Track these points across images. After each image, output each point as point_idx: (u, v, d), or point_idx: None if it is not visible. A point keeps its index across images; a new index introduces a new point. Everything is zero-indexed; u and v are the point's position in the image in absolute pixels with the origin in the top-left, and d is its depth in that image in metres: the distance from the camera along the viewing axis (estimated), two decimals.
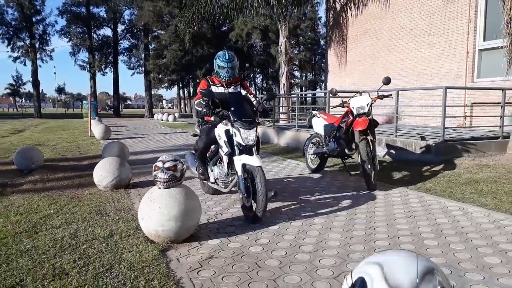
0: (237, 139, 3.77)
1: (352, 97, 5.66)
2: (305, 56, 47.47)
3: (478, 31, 9.67)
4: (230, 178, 4.11)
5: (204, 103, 3.98)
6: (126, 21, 39.77)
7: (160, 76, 39.35)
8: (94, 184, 5.26)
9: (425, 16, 11.01)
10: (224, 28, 35.83)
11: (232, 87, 4.41)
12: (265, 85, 51.25)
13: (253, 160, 3.60)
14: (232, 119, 3.79)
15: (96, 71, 38.82)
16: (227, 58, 4.25)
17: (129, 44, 40.78)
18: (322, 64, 44.02)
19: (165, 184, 3.05)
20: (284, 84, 14.42)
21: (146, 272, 2.58)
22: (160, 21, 32.70)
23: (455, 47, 10.14)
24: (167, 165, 3.05)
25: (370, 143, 5.20)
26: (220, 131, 4.06)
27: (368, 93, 5.83)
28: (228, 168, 4.10)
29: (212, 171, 4.35)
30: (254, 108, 4.20)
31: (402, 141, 7.33)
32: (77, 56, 39.19)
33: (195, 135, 4.78)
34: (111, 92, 45.75)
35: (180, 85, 50.17)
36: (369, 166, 5.04)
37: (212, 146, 4.42)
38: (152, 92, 55.72)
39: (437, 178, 5.70)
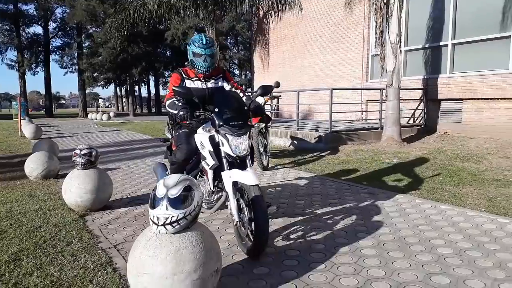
0: (224, 148, 2.89)
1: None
2: (244, 55, 48.82)
3: (371, 39, 11.40)
4: (216, 197, 3.31)
5: (180, 104, 3.13)
6: (58, 19, 38.70)
7: (95, 75, 38.78)
8: (26, 177, 6.00)
9: (331, 25, 12.63)
10: (161, 27, 36.16)
11: (212, 80, 3.51)
12: None
13: (247, 177, 2.73)
14: (217, 123, 2.88)
15: (26, 70, 37.41)
16: (204, 43, 3.31)
17: (62, 42, 39.70)
18: None
19: (82, 166, 4.03)
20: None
21: (67, 227, 3.57)
22: (94, 20, 32.39)
23: (353, 53, 11.83)
24: (83, 152, 4.03)
25: (263, 134, 6.47)
26: (202, 138, 3.14)
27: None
28: (213, 184, 3.25)
29: None
30: (245, 107, 3.07)
31: (302, 133, 8.74)
32: (4, 54, 37.54)
33: (165, 140, 4.03)
34: (43, 91, 44.08)
35: (117, 84, 49.56)
36: (260, 150, 6.29)
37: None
38: (88, 91, 54.39)
39: (320, 161, 7.10)
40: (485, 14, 8.57)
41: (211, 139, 3.09)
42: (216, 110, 2.92)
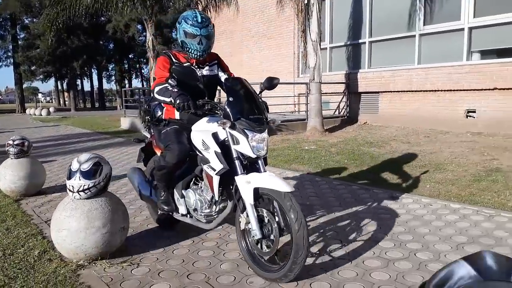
0: (240, 148, 2.41)
1: None
2: None
3: (306, 34, 12.25)
4: (217, 208, 2.77)
5: (176, 91, 2.53)
6: None
7: (33, 68, 37.16)
8: None
9: (265, 21, 13.37)
10: (102, 18, 35.30)
11: (206, 67, 2.92)
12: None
13: (275, 183, 2.25)
14: (232, 116, 2.39)
15: None
16: (199, 21, 2.70)
17: None
18: None
19: (15, 155, 4.40)
20: (154, 77, 15.78)
21: (2, 209, 3.96)
22: (29, 11, 31.05)
23: (286, 49, 12.64)
24: (16, 142, 4.40)
25: None
26: (205, 136, 2.59)
27: None
28: (218, 192, 2.63)
29: (181, 197, 2.94)
30: (261, 100, 2.57)
31: None
32: None
33: (139, 141, 3.53)
34: None
35: (57, 77, 47.68)
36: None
37: None
38: (26, 85, 51.69)
39: None
40: (396, 15, 9.64)
41: (214, 137, 2.55)
42: (231, 99, 2.41)
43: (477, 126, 8.13)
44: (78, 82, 49.93)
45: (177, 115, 2.87)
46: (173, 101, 2.48)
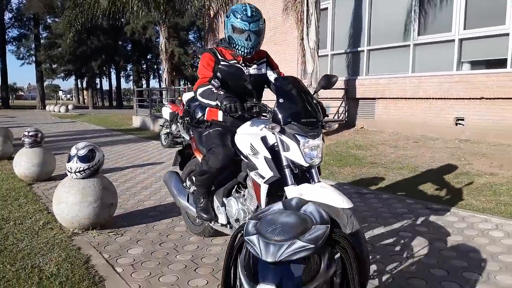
0: (290, 155, 2.19)
1: (184, 92, 8.06)
2: None
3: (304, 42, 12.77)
4: None
5: (222, 93, 2.40)
6: (14, 10, 38.10)
7: (54, 66, 38.50)
8: None
9: (272, 28, 13.92)
10: (123, 19, 36.47)
11: (254, 65, 2.77)
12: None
13: (333, 197, 1.99)
14: (282, 120, 2.18)
15: None
16: (249, 15, 2.54)
17: (18, 33, 39.12)
18: None
19: (29, 145, 5.06)
20: (165, 79, 16.48)
21: (16, 190, 4.62)
22: (52, 11, 32.32)
23: (290, 55, 13.18)
24: (31, 133, 5.06)
25: None
26: (254, 140, 2.39)
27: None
28: (265, 203, 2.37)
29: (222, 206, 2.76)
30: (315, 101, 2.38)
31: None
32: None
33: (176, 143, 3.32)
34: None
35: (77, 76, 49.20)
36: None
37: None
38: (47, 83, 53.50)
39: None
40: (393, 25, 10.07)
41: (263, 141, 2.35)
42: (281, 101, 2.22)
43: (465, 134, 8.51)
44: (98, 81, 51.42)
45: (220, 116, 2.73)
46: (219, 105, 2.34)
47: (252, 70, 2.75)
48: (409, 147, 7.90)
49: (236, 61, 2.71)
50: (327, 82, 2.53)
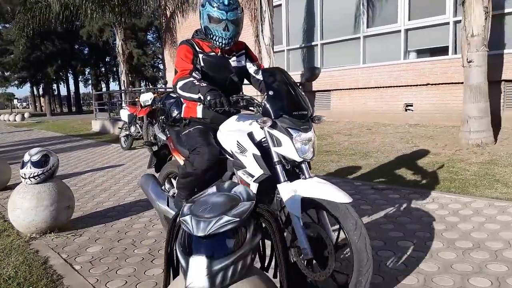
0: (282, 150, 2.10)
1: (142, 93, 8.08)
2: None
3: (259, 39, 12.99)
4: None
5: (205, 85, 2.23)
6: None
7: (7, 74, 36.98)
8: None
9: None
10: (77, 23, 35.37)
11: (233, 57, 2.61)
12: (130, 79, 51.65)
13: (330, 192, 1.93)
14: (274, 113, 2.09)
15: None
16: (226, 3, 2.38)
17: None
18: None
19: None
20: (124, 81, 16.27)
21: None
22: (1, 17, 30.99)
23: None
24: None
25: (152, 125, 7.68)
26: (240, 137, 2.26)
27: (151, 91, 8.32)
28: None
29: None
30: (303, 93, 2.26)
31: None
32: None
33: (151, 144, 3.08)
34: None
35: (33, 83, 47.39)
36: (150, 139, 7.49)
37: None
38: (0, 92, 51.22)
39: None
40: (343, 18, 10.44)
41: (250, 137, 2.22)
42: (271, 93, 2.10)
43: (414, 118, 9.00)
44: (55, 87, 49.73)
45: (199, 113, 2.56)
46: (202, 98, 2.16)
47: (232, 62, 2.55)
48: (362, 135, 8.28)
49: (214, 53, 2.51)
50: (311, 74, 2.45)
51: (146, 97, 7.85)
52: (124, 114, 8.47)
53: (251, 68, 2.68)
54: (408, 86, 9.10)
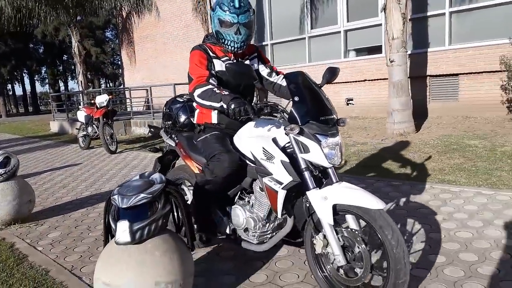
0: (309, 156, 2.06)
1: (98, 95, 8.49)
2: None
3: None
4: (271, 226, 2.40)
5: (227, 93, 2.22)
6: None
7: None
8: None
9: (183, 26, 14.52)
10: (31, 21, 34.43)
11: (246, 61, 2.60)
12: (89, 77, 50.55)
13: (364, 198, 1.90)
14: (300, 120, 2.04)
15: None
16: (237, 6, 2.33)
17: None
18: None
19: None
20: (81, 81, 16.36)
21: None
22: None
23: None
24: None
25: (108, 125, 8.11)
26: (266, 144, 2.20)
27: (106, 92, 8.76)
28: (282, 210, 2.19)
29: (224, 216, 2.56)
30: (327, 96, 2.19)
31: (157, 122, 10.54)
32: None
33: (156, 150, 3.38)
34: None
35: None
36: (106, 138, 7.93)
37: None
38: None
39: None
40: (290, 20, 11.17)
41: (276, 143, 2.20)
42: (296, 99, 2.06)
43: (355, 112, 9.88)
44: (10, 87, 48.07)
45: (214, 119, 2.52)
46: (225, 107, 2.14)
47: None
48: None
49: (227, 58, 2.49)
50: (332, 75, 2.36)
51: (102, 99, 8.27)
52: (81, 115, 8.84)
53: (264, 71, 2.69)
54: (349, 83, 9.96)
